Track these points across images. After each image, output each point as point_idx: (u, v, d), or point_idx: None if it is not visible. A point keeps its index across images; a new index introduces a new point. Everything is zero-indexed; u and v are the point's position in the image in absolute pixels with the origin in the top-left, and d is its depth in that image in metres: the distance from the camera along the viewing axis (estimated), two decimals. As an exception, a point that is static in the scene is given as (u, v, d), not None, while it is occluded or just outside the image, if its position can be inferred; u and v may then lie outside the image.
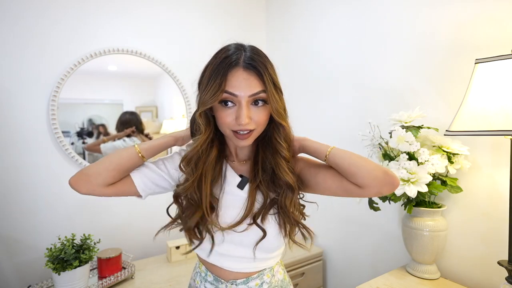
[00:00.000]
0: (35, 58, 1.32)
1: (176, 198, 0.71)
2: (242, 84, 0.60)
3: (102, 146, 1.53)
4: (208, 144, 0.67)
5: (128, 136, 1.58)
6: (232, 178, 0.72)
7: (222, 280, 0.72)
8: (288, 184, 0.68)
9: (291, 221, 0.70)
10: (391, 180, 0.63)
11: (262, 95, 0.62)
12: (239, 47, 0.63)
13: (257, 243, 0.68)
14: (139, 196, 0.72)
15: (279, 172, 0.68)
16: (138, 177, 0.70)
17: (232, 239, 0.69)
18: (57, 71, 1.37)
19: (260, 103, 0.63)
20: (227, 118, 0.62)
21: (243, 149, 0.74)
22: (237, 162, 0.75)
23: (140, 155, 0.69)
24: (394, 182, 0.63)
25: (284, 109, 0.67)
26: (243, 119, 0.60)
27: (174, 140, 0.74)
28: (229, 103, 0.62)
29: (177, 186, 0.71)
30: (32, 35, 1.31)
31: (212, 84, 0.60)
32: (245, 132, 0.63)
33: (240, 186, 0.71)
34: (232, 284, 0.71)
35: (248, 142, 0.65)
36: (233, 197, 0.71)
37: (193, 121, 0.71)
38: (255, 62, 0.61)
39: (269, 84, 0.61)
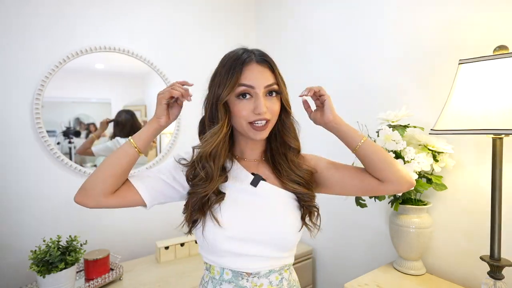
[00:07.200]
0: (17, 56, 1.28)
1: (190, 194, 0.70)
2: (257, 76, 0.66)
3: (93, 149, 1.50)
4: (225, 135, 0.68)
5: (119, 136, 1.56)
6: (244, 176, 0.72)
7: (243, 274, 0.69)
8: (307, 171, 0.73)
9: (312, 208, 0.73)
10: (411, 180, 0.71)
11: (275, 86, 0.68)
12: (247, 49, 0.70)
13: (275, 240, 0.69)
14: (144, 205, 0.70)
15: (291, 165, 0.73)
16: (140, 184, 0.69)
17: (250, 237, 0.67)
18: (42, 69, 1.33)
19: (273, 94, 0.68)
20: (244, 110, 0.65)
21: (254, 148, 0.75)
22: (248, 161, 0.76)
23: (136, 149, 0.67)
24: (413, 183, 0.72)
25: (288, 101, 0.73)
26: (262, 108, 0.64)
27: (156, 121, 0.69)
28: (247, 95, 0.66)
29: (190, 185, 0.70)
30: (15, 31, 1.27)
31: (227, 79, 0.65)
32: (263, 122, 0.66)
33: (254, 183, 0.71)
34: (253, 277, 0.69)
35: (264, 135, 0.68)
36: (241, 195, 0.71)
37: (202, 123, 0.73)
38: (267, 57, 0.69)
39: (279, 77, 0.69)
